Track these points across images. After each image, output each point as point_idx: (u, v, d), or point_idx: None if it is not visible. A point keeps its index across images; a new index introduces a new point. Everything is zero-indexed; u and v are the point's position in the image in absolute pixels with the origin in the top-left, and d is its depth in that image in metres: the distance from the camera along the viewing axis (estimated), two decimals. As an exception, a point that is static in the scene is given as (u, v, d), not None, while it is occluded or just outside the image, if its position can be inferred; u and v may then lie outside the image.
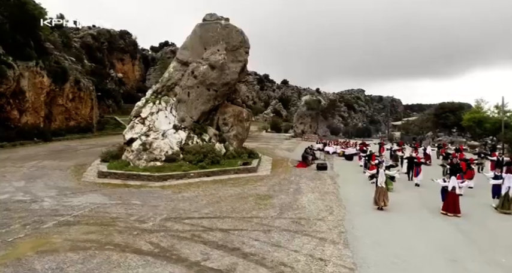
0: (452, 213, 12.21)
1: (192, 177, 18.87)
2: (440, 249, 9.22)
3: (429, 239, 10.02)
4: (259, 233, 10.33)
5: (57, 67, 42.44)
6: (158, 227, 10.52)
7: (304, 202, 14.30)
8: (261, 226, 11.08)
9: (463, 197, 15.33)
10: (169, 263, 8.00)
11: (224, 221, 11.48)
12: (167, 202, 13.67)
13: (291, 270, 7.88)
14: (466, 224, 11.46)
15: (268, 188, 17.02)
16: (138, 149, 19.93)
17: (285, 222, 11.50)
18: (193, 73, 23.33)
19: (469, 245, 9.58)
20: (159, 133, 21.19)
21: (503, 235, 10.40)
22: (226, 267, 7.87)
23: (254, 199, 14.59)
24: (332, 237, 10.06)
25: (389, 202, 13.91)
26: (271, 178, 19.66)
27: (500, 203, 12.74)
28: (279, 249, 9.07)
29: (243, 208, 13.11)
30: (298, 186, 17.56)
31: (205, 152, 20.78)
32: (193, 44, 24.52)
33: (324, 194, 15.80)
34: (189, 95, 23.10)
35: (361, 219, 12.04)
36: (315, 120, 52.95)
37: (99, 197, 14.09)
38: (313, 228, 10.95)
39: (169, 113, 22.43)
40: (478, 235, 10.38)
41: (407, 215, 12.51)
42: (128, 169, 18.84)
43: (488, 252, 9.06)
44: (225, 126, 24.34)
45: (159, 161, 19.64)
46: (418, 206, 13.85)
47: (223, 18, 25.25)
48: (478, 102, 43.05)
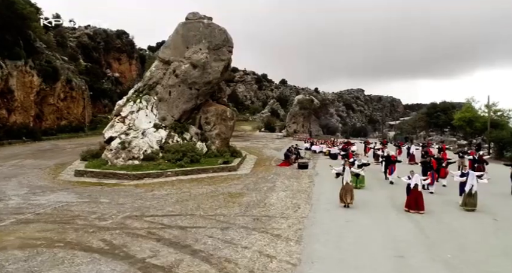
0: (414, 210, 12.24)
1: (169, 176, 18.94)
2: (391, 246, 9.24)
3: (384, 236, 10.05)
4: (217, 230, 10.38)
5: (48, 66, 42.52)
6: (116, 225, 10.58)
7: (273, 200, 14.35)
8: (221, 223, 11.13)
9: (433, 195, 15.50)
10: (114, 260, 8.05)
11: (186, 218, 11.54)
12: (135, 200, 13.74)
13: (234, 266, 7.92)
14: (426, 221, 11.49)
15: (243, 186, 17.08)
16: (117, 148, 19.99)
17: (247, 219, 11.55)
18: (174, 72, 23.38)
19: (421, 242, 9.60)
20: (139, 132, 21.25)
21: (458, 232, 10.41)
22: (170, 264, 7.92)
23: (224, 197, 14.65)
24: (288, 234, 10.10)
25: (359, 199, 14.02)
26: (249, 177, 19.72)
27: (464, 200, 12.76)
28: (230, 246, 9.12)
29: (209, 206, 13.17)
30: (274, 184, 17.60)
31: (185, 151, 20.84)
32: (175, 42, 24.56)
33: (296, 192, 15.84)
34: (170, 94, 23.16)
35: (324, 216, 12.08)
36: (308, 119, 52.94)
37: (68, 196, 14.17)
38: (273, 225, 10.99)
39: (150, 112, 22.49)
40: (433, 232, 10.39)
41: (371, 213, 12.53)
42: (104, 168, 18.92)
43: (438, 248, 9.08)
44: (207, 125, 24.38)
45: (137, 160, 19.70)
46: (385, 203, 13.87)
47: (206, 17, 25.29)
48: (468, 102, 42.99)
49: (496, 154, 28.07)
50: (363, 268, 7.92)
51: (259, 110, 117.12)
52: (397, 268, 7.93)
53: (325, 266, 7.99)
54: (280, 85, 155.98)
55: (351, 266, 7.99)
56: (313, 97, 57.34)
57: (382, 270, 7.81)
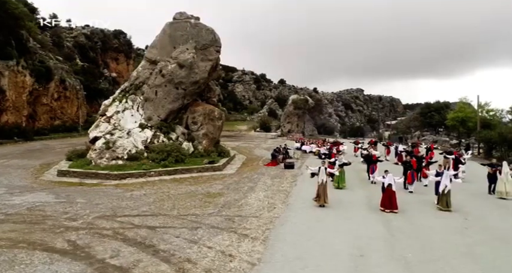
0: (388, 209, 12.24)
1: (152, 176, 18.94)
2: (356, 245, 9.24)
3: (352, 235, 10.03)
4: (186, 230, 10.39)
5: (41, 66, 42.56)
6: (86, 225, 10.59)
7: (250, 200, 14.35)
8: (192, 223, 11.14)
9: (412, 194, 15.51)
10: (74, 260, 8.05)
11: (158, 218, 11.54)
12: (112, 200, 13.75)
13: (193, 266, 7.92)
14: (398, 220, 11.49)
15: (224, 186, 17.08)
16: (101, 147, 20.00)
17: (219, 219, 11.55)
18: (161, 72, 23.38)
19: (386, 241, 9.60)
20: (124, 131, 21.26)
21: (426, 231, 10.41)
22: (129, 264, 7.92)
23: (202, 197, 14.66)
24: (255, 234, 10.10)
25: (337, 199, 14.07)
26: (232, 177, 19.72)
27: (438, 200, 12.76)
28: (195, 246, 9.12)
29: (185, 206, 13.18)
30: (255, 184, 17.59)
31: (169, 151, 20.84)
32: (162, 42, 24.58)
33: (275, 192, 15.84)
34: (156, 94, 23.16)
35: (297, 216, 12.08)
36: (302, 119, 52.92)
37: (45, 196, 14.19)
38: (243, 225, 10.99)
39: (136, 112, 22.50)
40: (401, 231, 10.40)
41: (345, 212, 12.53)
42: (87, 168, 18.94)
43: (401, 247, 9.09)
44: (194, 125, 24.38)
45: (121, 160, 19.71)
46: (361, 203, 13.85)
47: (194, 17, 25.31)
48: (461, 101, 42.92)
49: (485, 154, 28.00)
50: (320, 267, 7.93)
51: (257, 110, 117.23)
52: (354, 267, 7.94)
53: (283, 266, 7.98)
54: (278, 85, 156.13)
55: (308, 265, 7.99)
56: (307, 97, 57.30)
57: (339, 269, 7.81)
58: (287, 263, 8.16)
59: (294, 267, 7.92)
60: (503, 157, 25.37)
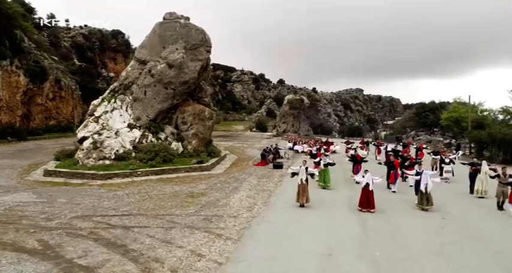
0: (366, 209, 12.26)
1: (139, 176, 18.95)
2: (327, 244, 9.25)
3: (325, 235, 10.06)
4: (161, 230, 10.41)
5: (36, 66, 42.58)
6: (61, 225, 10.61)
7: (232, 199, 14.37)
8: (169, 223, 11.16)
9: (395, 194, 15.54)
10: (42, 260, 8.07)
11: (135, 218, 11.56)
12: (93, 200, 13.76)
13: (160, 265, 7.95)
14: (374, 220, 11.51)
15: (209, 186, 17.09)
16: (88, 147, 20.03)
17: (196, 219, 11.57)
18: (150, 71, 23.41)
19: (358, 240, 9.63)
20: (112, 131, 21.29)
21: (401, 230, 10.44)
22: (96, 264, 7.94)
23: (185, 197, 14.67)
24: (229, 234, 10.13)
25: (319, 198, 14.11)
26: (219, 177, 19.73)
27: (418, 199, 12.77)
28: (166, 245, 9.15)
29: (165, 206, 13.20)
30: (240, 184, 17.61)
31: (157, 151, 20.86)
32: (152, 42, 24.60)
33: (259, 192, 15.87)
34: (145, 94, 23.19)
35: (275, 216, 12.11)
36: (298, 119, 52.93)
37: (27, 196, 14.20)
38: (219, 225, 11.02)
39: (125, 112, 22.52)
40: (375, 230, 10.43)
41: (325, 212, 12.54)
42: (74, 168, 18.97)
43: (372, 246, 9.12)
44: (184, 125, 24.40)
45: (108, 160, 19.73)
46: (342, 203, 13.85)
47: (183, 17, 25.32)
48: (455, 101, 42.92)
49: (477, 154, 27.99)
50: (285, 266, 7.95)
51: (255, 110, 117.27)
52: (321, 266, 7.98)
53: (249, 265, 8.01)
54: (277, 85, 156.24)
55: (274, 264, 8.03)
56: (303, 97, 57.32)
57: (304, 268, 7.84)
58: (254, 262, 8.19)
59: (259, 266, 7.95)
60: (492, 157, 25.42)
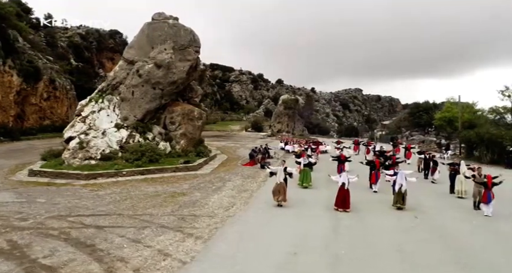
0: (342, 208, 12.32)
1: (124, 176, 18.98)
2: (295, 243, 9.31)
3: (296, 234, 10.12)
4: (133, 229, 10.45)
5: (29, 66, 42.64)
6: (34, 225, 10.64)
7: (212, 199, 14.43)
8: (143, 222, 11.20)
9: (376, 193, 15.59)
10: (6, 260, 8.09)
11: (110, 218, 11.60)
12: (72, 200, 13.81)
13: (123, 265, 7.99)
14: (350, 219, 11.59)
15: (192, 186, 17.13)
16: (74, 147, 20.08)
17: (171, 219, 11.62)
18: (138, 72, 23.45)
19: (327, 239, 9.69)
20: (99, 131, 21.33)
21: (371, 230, 10.51)
22: (60, 263, 7.98)
23: (165, 197, 14.71)
24: (201, 233, 10.17)
25: (298, 198, 14.23)
26: (205, 176, 19.78)
27: (394, 199, 12.83)
28: (135, 245, 9.19)
29: (143, 206, 13.24)
30: (224, 184, 17.67)
31: (144, 150, 20.89)
32: (140, 42, 24.65)
33: (240, 192, 15.94)
34: (133, 94, 23.22)
35: (251, 215, 12.16)
36: (292, 119, 52.99)
37: (7, 196, 14.25)
38: (193, 224, 11.06)
39: (112, 112, 22.56)
40: (346, 229, 10.52)
41: (301, 211, 12.59)
42: (59, 168, 19.00)
43: (339, 245, 9.18)
44: (172, 125, 24.44)
45: (93, 160, 19.77)
46: (320, 202, 13.86)
47: (172, 18, 25.37)
48: (449, 101, 42.94)
49: (466, 154, 28.03)
50: (248, 265, 8.01)
51: (253, 110, 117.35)
52: (282, 264, 8.03)
53: (212, 264, 8.06)
54: (276, 85, 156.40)
55: (238, 263, 8.08)
56: (298, 97, 57.39)
57: (266, 267, 7.90)
58: (219, 261, 8.24)
59: (222, 265, 8.00)
60: (481, 157, 25.45)
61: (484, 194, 11.87)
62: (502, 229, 10.77)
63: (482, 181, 12.23)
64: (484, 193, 11.88)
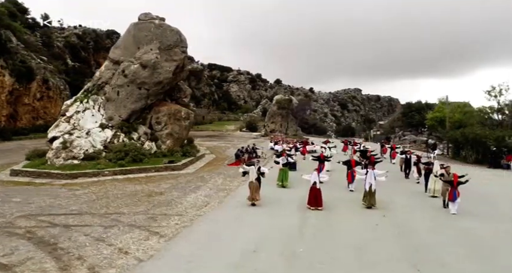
0: (314, 206, 12.42)
1: (106, 175, 19.08)
2: (257, 241, 9.41)
3: (261, 232, 10.21)
4: (100, 228, 10.55)
5: (22, 66, 42.79)
6: (2, 224, 10.74)
7: (188, 198, 14.53)
8: (113, 221, 11.29)
9: (352, 193, 15.69)
10: (-36, 258, 8.20)
11: (81, 217, 11.70)
12: (48, 199, 13.90)
13: (80, 263, 8.09)
14: (318, 218, 11.70)
15: (172, 185, 17.23)
16: (58, 147, 20.18)
17: (141, 218, 11.72)
18: (123, 72, 23.55)
19: (290, 237, 9.78)
20: (84, 131, 21.44)
21: (337, 228, 10.62)
22: (17, 262, 8.06)
23: (141, 196, 14.81)
24: (167, 232, 10.27)
25: (273, 197, 14.37)
26: (187, 176, 19.88)
27: (364, 197, 12.93)
28: (97, 243, 9.28)
29: (117, 205, 13.34)
30: (204, 183, 17.78)
31: (128, 150, 21.00)
32: (126, 43, 24.76)
33: (218, 191, 16.05)
34: (118, 94, 23.32)
35: (222, 214, 12.28)
36: (286, 119, 53.09)
37: (-17, 195, 14.34)
38: (162, 223, 11.16)
39: (97, 112, 22.67)
40: (314, 228, 10.67)
41: (271, 210, 12.68)
42: (42, 167, 19.11)
43: (300, 243, 9.28)
44: (158, 125, 24.54)
45: (76, 160, 19.88)
46: (294, 201, 13.90)
47: (159, 18, 25.47)
48: (440, 101, 43.00)
49: (453, 154, 28.11)
50: (203, 263, 8.10)
51: (251, 110, 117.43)
52: (239, 261, 8.15)
53: (168, 261, 8.17)
54: (274, 85, 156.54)
55: (194, 261, 8.17)
56: (292, 97, 57.49)
57: (221, 263, 8.01)
58: (175, 259, 8.34)
59: (178, 263, 8.10)
60: (466, 157, 25.53)
61: (450, 192, 11.98)
62: (463, 226, 10.89)
63: (449, 179, 12.32)
64: (450, 191, 11.99)
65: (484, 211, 12.70)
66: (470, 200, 13.50)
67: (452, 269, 7.72)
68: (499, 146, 23.73)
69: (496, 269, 7.74)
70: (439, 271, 7.63)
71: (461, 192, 12.10)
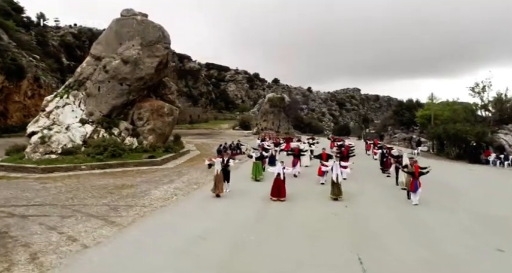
0: (276, 197, 12.43)
1: (84, 169, 19.10)
2: (207, 230, 9.40)
3: (217, 221, 10.23)
4: (57, 218, 10.55)
5: (12, 64, 42.87)
6: (-40, 214, 10.75)
7: (157, 191, 14.53)
8: (73, 212, 11.29)
9: (322, 185, 15.68)
10: None
11: (42, 208, 11.70)
12: (15, 192, 13.91)
13: (24, 250, 8.09)
14: (278, 208, 11.72)
15: (146, 179, 17.22)
16: (36, 142, 20.20)
17: (103, 209, 11.72)
18: (105, 67, 23.56)
19: (243, 226, 9.77)
20: (63, 126, 21.45)
21: (294, 218, 10.61)
22: (-40, 249, 8.08)
23: (111, 189, 14.80)
24: (122, 222, 10.27)
25: (243, 189, 14.44)
26: (164, 171, 19.89)
27: (331, 189, 12.93)
28: (48, 232, 9.28)
29: (83, 197, 13.34)
30: (179, 177, 17.79)
31: (107, 145, 21.00)
32: (108, 38, 24.77)
33: (191, 184, 16.09)
34: (99, 89, 23.34)
35: (185, 206, 12.28)
36: (278, 117, 53.07)
37: (-48, 188, 14.36)
38: (121, 213, 11.17)
39: (77, 107, 22.68)
40: (272, 217, 10.69)
41: (234, 202, 12.65)
42: (18, 162, 19.13)
43: (251, 232, 9.26)
44: (140, 121, 24.55)
45: (54, 154, 19.89)
46: (260, 193, 13.76)
47: (141, 14, 25.48)
48: (430, 99, 42.89)
49: (438, 150, 28.07)
50: (150, 248, 8.11)
51: (248, 109, 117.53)
52: (185, 247, 8.18)
53: (114, 248, 8.19)
54: (272, 85, 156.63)
55: (139, 247, 8.18)
56: (284, 95, 57.50)
57: (168, 249, 8.04)
58: (121, 246, 8.34)
59: (123, 249, 8.10)
60: (448, 153, 25.52)
61: (411, 183, 11.99)
62: (418, 216, 10.90)
63: (411, 170, 12.33)
64: (412, 182, 11.99)
65: (445, 203, 12.68)
66: (437, 193, 13.53)
67: (390, 253, 7.72)
68: (479, 142, 23.71)
69: (433, 254, 7.74)
70: (378, 255, 7.64)
71: (431, 186, 12.15)
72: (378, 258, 7.47)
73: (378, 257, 7.57)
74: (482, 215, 11.02)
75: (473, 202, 12.91)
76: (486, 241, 8.53)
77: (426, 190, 13.63)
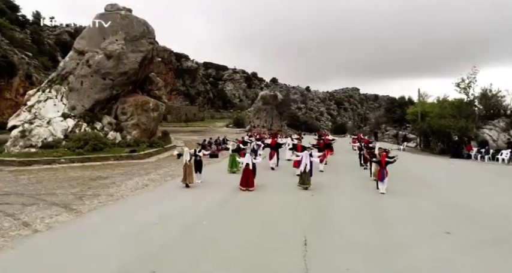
0: (244, 187, 12.41)
1: (62, 163, 19.08)
2: (166, 216, 9.36)
3: (177, 209, 10.20)
4: (19, 206, 10.48)
5: (3, 61, 42.89)
6: None
7: (130, 182, 14.50)
8: (37, 200, 11.24)
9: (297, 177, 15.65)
10: None
11: (8, 197, 11.65)
12: (-14, 183, 13.89)
13: (-23, 236, 8.06)
14: (246, 197, 11.68)
15: (124, 171, 17.20)
16: (16, 136, 20.21)
17: (70, 198, 11.68)
18: (88, 62, 23.56)
19: (203, 213, 9.70)
20: (44, 120, 21.45)
21: (255, 206, 10.55)
22: None
23: (84, 180, 14.80)
24: (83, 210, 10.22)
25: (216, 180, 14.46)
26: (145, 164, 19.90)
27: (299, 178, 12.92)
28: (4, 218, 9.23)
29: (52, 187, 13.31)
30: (156, 170, 17.79)
31: (87, 139, 21.00)
32: (91, 33, 24.77)
33: (166, 176, 16.07)
34: (82, 84, 23.34)
35: (153, 195, 12.26)
36: (270, 115, 53.09)
37: None
38: (86, 202, 11.11)
39: (60, 101, 22.67)
40: (234, 206, 10.67)
41: (202, 191, 12.54)
42: (-3, 155, 19.10)
43: (210, 217, 9.23)
44: (123, 115, 24.54)
45: (34, 148, 19.89)
46: (232, 184, 13.60)
47: (125, 9, 25.50)
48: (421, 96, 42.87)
49: (424, 146, 28.05)
50: (100, 234, 8.03)
51: (246, 108, 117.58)
52: (136, 232, 8.09)
53: (63, 233, 8.13)
54: (270, 84, 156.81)
55: (91, 232, 8.11)
56: (277, 93, 57.57)
57: (119, 234, 8.00)
58: (73, 231, 8.28)
59: (73, 234, 8.03)
60: (433, 148, 25.48)
61: (378, 172, 11.96)
62: (380, 203, 10.89)
63: (378, 159, 12.31)
64: (379, 171, 11.97)
65: (412, 192, 12.58)
66: (407, 184, 13.56)
67: (340, 236, 7.68)
68: (461, 136, 23.68)
69: (382, 237, 7.71)
70: (326, 238, 7.61)
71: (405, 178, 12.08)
72: (324, 241, 7.44)
73: (325, 240, 7.54)
74: (443, 203, 10.98)
75: (440, 191, 12.87)
76: (439, 225, 8.50)
77: (398, 181, 13.67)
